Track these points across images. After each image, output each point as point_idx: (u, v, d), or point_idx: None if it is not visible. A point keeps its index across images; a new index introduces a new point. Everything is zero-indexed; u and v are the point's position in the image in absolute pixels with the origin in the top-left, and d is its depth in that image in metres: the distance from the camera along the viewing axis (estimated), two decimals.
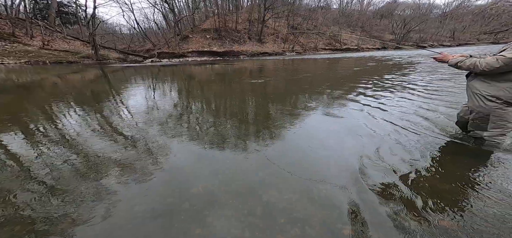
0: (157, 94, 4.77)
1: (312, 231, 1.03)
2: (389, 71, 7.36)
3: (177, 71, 10.33)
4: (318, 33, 30.46)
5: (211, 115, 3.10)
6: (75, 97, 4.56)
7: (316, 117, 2.78)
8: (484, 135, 1.62)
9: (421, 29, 39.39)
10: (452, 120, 2.25)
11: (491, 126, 1.55)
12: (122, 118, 2.99)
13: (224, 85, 5.79)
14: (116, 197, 1.33)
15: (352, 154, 1.74)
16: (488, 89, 1.47)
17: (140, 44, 27.50)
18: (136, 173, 1.59)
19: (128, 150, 1.96)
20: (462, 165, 1.52)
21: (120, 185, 1.45)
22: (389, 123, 2.42)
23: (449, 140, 1.91)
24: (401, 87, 4.51)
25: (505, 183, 1.30)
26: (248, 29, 27.34)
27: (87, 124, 2.78)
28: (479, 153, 1.65)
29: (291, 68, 10.18)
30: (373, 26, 42.25)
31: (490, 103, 1.48)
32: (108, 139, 2.23)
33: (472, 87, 1.59)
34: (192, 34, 24.92)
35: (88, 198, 1.33)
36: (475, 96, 1.56)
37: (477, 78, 1.55)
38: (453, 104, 2.96)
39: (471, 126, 1.71)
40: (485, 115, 1.54)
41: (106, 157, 1.84)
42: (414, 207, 1.15)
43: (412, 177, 1.40)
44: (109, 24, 34.20)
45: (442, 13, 45.91)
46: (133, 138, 2.25)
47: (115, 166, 1.69)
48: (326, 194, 1.29)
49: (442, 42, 39.26)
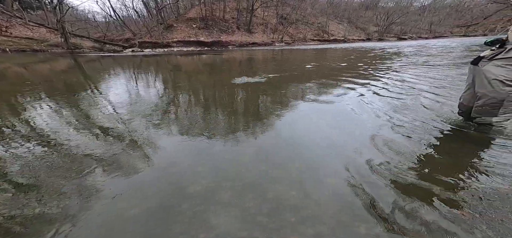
0: (142, 85, 4.35)
1: (325, 228, 0.93)
2: (380, 61, 7.58)
3: (162, 61, 9.66)
4: (307, 24, 30.39)
5: (203, 107, 2.85)
6: (46, 88, 3.98)
7: (315, 107, 2.67)
8: (493, 120, 1.60)
9: (402, 21, 41.22)
10: (451, 108, 2.25)
11: (503, 111, 1.54)
12: (104, 111, 2.65)
13: (214, 76, 5.52)
14: (103, 199, 1.14)
15: (356, 143, 1.65)
16: (508, 74, 1.44)
17: (119, 33, 25.24)
18: (125, 171, 1.38)
19: (114, 145, 1.72)
20: (470, 152, 1.48)
21: (107, 185, 1.25)
22: (388, 113, 2.35)
23: (452, 127, 1.88)
24: (397, 77, 4.63)
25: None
26: (236, 19, 26.36)
27: (63, 118, 2.41)
28: (483, 140, 1.62)
29: (296, 59, 10.05)
30: (359, 17, 43.24)
31: (507, 88, 1.46)
32: (90, 134, 1.95)
33: (486, 72, 1.54)
34: (177, 23, 23.41)
35: (71, 201, 1.12)
36: (491, 82, 1.52)
37: (491, 64, 1.52)
38: (448, 94, 2.90)
39: (477, 113, 1.67)
40: (499, 100, 1.51)
41: (90, 154, 1.60)
42: (426, 196, 1.09)
43: (419, 167, 1.33)
44: (81, 11, 30.83)
45: (421, 6, 48.34)
46: (119, 132, 1.99)
47: (100, 163, 1.46)
48: (333, 187, 1.18)
49: (420, 34, 41.57)
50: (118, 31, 25.96)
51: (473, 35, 33.91)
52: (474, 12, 32.87)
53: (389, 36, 37.56)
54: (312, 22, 33.53)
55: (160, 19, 21.83)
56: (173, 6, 25.52)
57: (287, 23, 29.52)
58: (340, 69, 5.85)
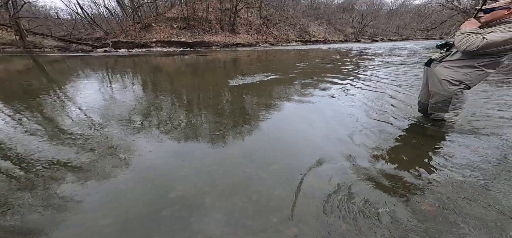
0: (117, 87, 3.96)
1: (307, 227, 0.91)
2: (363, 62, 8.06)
3: (139, 62, 9.02)
4: (290, 25, 31.24)
5: (184, 109, 2.68)
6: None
7: (292, 107, 2.64)
8: (444, 116, 1.77)
9: (374, 24, 44.88)
10: (412, 105, 2.43)
11: (451, 107, 1.71)
12: (72, 116, 2.34)
13: (197, 77, 5.30)
14: (73, 210, 1.01)
15: (331, 140, 1.71)
16: (453, 75, 1.61)
17: (88, 32, 22.94)
18: (99, 179, 1.26)
19: (86, 152, 1.55)
20: (426, 146, 1.60)
21: (78, 195, 1.12)
22: (358, 108, 2.47)
23: (412, 123, 2.03)
24: (368, 76, 4.95)
25: (465, 160, 1.39)
26: (220, 19, 25.92)
27: (23, 125, 2.07)
28: (438, 134, 1.78)
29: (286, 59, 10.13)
30: (337, 19, 45.87)
31: (453, 87, 1.62)
32: (57, 141, 1.71)
33: (437, 73, 1.71)
34: (156, 23, 22.13)
35: (38, 214, 0.98)
36: (442, 82, 1.67)
37: (441, 65, 1.69)
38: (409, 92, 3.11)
39: (432, 110, 1.84)
40: (448, 98, 1.68)
41: (58, 162, 1.42)
42: (387, 192, 1.13)
43: (383, 164, 1.39)
44: (41, 7, 27.33)
45: (390, 10, 53.19)
46: (90, 137, 1.82)
47: (71, 172, 1.31)
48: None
49: (390, 37, 45.72)
50: (87, 30, 23.61)
51: (433, 38, 38.49)
52: (433, 18, 37.26)
53: (363, 38, 40.52)
54: (295, 24, 34.59)
55: (136, 18, 20.40)
56: (151, 5, 24.06)
57: (270, 24, 29.97)
58: (327, 69, 6.10)
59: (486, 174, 1.27)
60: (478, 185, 1.18)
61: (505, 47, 1.35)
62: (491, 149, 1.53)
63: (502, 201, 1.06)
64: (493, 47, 1.37)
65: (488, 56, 1.45)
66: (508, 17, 1.36)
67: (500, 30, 1.36)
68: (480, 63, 1.49)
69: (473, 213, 0.99)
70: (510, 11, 1.35)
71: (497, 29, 1.38)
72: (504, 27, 1.35)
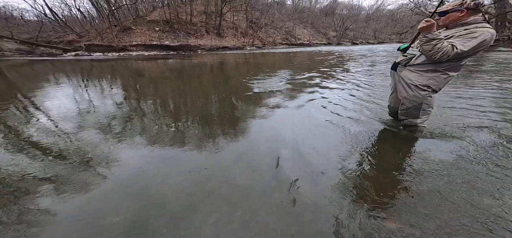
0: (92, 93, 3.54)
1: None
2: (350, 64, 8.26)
3: (117, 66, 8.35)
4: (276, 28, 31.82)
5: (163, 115, 2.44)
6: None
7: (283, 113, 2.52)
8: (417, 122, 1.73)
9: (354, 28, 47.68)
10: (385, 109, 2.37)
11: (422, 113, 1.68)
12: (40, 125, 2.17)
13: (181, 82, 4.98)
14: (48, 224, 0.96)
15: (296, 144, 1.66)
16: (420, 80, 1.57)
17: (58, 34, 20.97)
18: (75, 191, 1.19)
19: (59, 164, 1.46)
20: (399, 152, 1.59)
21: (53, 209, 1.06)
22: (335, 113, 2.42)
23: (384, 128, 2.00)
24: (347, 80, 5.02)
25: (440, 165, 1.38)
26: (205, 22, 25.43)
27: None
28: (411, 139, 1.76)
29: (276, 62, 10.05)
30: (320, 23, 47.88)
31: (423, 93, 1.59)
32: (23, 153, 1.60)
33: (405, 78, 1.66)
34: (136, 25, 20.99)
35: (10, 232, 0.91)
36: (410, 87, 1.63)
37: (406, 70, 1.65)
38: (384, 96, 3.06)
39: (403, 115, 1.78)
40: (418, 104, 1.64)
41: (27, 175, 1.33)
42: (357, 202, 1.10)
43: (353, 170, 1.37)
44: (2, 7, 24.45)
45: (367, 14, 57.01)
46: (63, 148, 1.70)
47: (43, 186, 1.23)
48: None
49: (368, 40, 48.88)
50: (57, 32, 21.59)
51: (406, 41, 41.94)
52: (404, 22, 40.67)
53: (345, 41, 42.74)
54: (280, 27, 35.29)
55: (113, 20, 19.15)
56: (130, 7, 22.82)
57: (256, 27, 30.21)
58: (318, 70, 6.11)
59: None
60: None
61: (471, 54, 1.34)
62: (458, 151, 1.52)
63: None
64: (463, 55, 1.36)
65: (452, 60, 1.42)
66: (463, 19, 1.35)
67: (463, 34, 1.31)
68: (443, 68, 1.48)
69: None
70: (463, 13, 1.34)
71: (459, 31, 1.35)
72: (466, 31, 1.31)
